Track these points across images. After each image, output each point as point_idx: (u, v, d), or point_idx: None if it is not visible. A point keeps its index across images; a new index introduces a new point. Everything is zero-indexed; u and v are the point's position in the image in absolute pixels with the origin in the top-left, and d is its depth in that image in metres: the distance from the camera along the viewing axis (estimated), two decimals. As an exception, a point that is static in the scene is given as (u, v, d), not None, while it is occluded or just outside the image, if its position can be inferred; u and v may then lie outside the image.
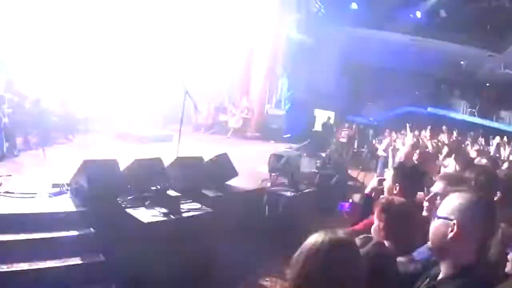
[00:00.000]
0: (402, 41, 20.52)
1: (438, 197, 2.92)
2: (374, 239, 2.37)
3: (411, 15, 19.08)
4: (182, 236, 5.13)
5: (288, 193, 8.01)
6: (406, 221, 2.81)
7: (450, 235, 1.98)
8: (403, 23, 19.22)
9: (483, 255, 2.06)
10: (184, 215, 5.41)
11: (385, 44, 20.58)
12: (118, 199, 5.38)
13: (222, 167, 7.77)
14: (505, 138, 10.81)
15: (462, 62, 23.56)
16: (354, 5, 18.77)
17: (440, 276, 2.06)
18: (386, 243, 2.49)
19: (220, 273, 5.59)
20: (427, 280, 2.15)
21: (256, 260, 6.43)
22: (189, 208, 5.64)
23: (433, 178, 4.12)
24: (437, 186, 3.18)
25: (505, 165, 6.60)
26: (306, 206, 8.18)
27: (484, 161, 5.66)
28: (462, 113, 26.61)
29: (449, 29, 18.46)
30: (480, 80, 25.58)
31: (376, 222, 2.89)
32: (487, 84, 26.24)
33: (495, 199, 3.39)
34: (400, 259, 2.49)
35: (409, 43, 20.61)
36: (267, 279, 6.12)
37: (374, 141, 15.58)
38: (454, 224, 1.97)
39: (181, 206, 5.51)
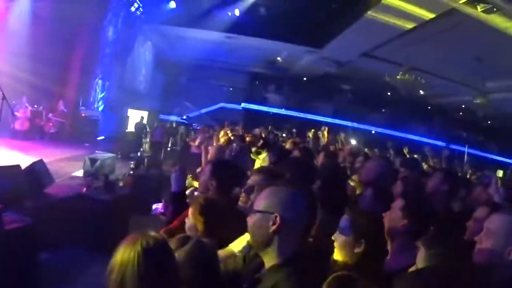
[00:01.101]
0: (217, 39, 21.42)
1: (254, 191, 3.06)
2: (193, 237, 2.46)
3: (229, 13, 19.84)
4: (5, 250, 5.26)
5: (104, 197, 8.17)
6: (223, 217, 2.94)
7: (272, 228, 2.06)
8: (220, 21, 19.98)
9: (307, 244, 2.25)
10: (6, 228, 5.42)
11: (200, 41, 21.63)
12: None
13: (39, 175, 7.87)
14: (322, 129, 12.29)
15: (278, 58, 25.08)
16: (172, 4, 19.46)
17: (264, 268, 2.15)
18: (205, 240, 2.54)
19: (45, 285, 5.94)
20: (250, 273, 2.26)
21: (80, 268, 6.63)
22: (10, 220, 5.64)
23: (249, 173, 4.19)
24: (253, 180, 3.32)
25: (321, 155, 6.97)
26: (122, 208, 8.44)
27: (297, 153, 6.12)
28: (277, 108, 28.77)
29: (268, 26, 19.27)
30: (296, 75, 27.62)
31: (191, 219, 2.97)
32: (304, 79, 28.23)
33: (314, 187, 3.58)
34: (221, 255, 2.60)
35: (224, 40, 21.63)
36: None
37: (187, 139, 16.31)
38: (275, 217, 2.06)
39: (4, 218, 5.43)
